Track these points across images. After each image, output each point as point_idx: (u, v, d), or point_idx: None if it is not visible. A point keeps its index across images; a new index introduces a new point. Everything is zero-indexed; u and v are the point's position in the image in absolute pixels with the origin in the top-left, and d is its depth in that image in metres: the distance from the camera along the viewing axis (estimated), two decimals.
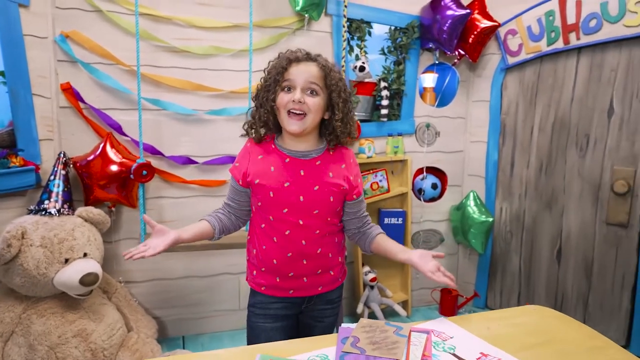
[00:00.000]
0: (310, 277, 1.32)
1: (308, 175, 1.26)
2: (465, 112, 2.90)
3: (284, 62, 1.25)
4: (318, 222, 1.27)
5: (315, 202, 1.25)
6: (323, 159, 1.29)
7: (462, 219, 2.81)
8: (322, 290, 1.35)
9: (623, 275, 2.30)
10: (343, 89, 1.27)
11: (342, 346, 1.00)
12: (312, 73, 1.23)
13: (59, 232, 1.86)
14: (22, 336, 1.80)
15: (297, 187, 1.24)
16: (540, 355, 1.01)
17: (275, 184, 1.24)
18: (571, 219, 2.49)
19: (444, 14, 2.51)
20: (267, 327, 1.34)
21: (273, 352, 0.99)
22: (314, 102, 1.22)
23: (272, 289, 1.33)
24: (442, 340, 1.09)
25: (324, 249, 1.31)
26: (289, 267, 1.30)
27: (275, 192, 1.24)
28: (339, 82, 1.26)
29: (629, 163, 2.25)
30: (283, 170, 1.25)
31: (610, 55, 2.28)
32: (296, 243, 1.27)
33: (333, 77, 1.25)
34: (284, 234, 1.27)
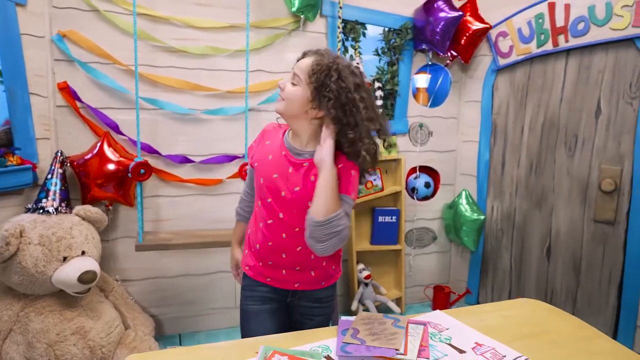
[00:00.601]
0: (289, 271, 1.33)
1: (294, 174, 1.27)
2: (458, 112, 2.96)
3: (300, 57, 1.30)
4: (297, 220, 1.25)
5: (294, 202, 1.26)
6: (311, 163, 1.25)
7: (455, 217, 2.86)
8: (299, 287, 1.35)
9: (610, 272, 2.36)
10: (324, 83, 1.19)
11: (342, 337, 1.04)
12: (302, 65, 1.24)
13: (57, 230, 1.87)
14: (21, 334, 1.80)
15: (283, 182, 1.27)
16: (532, 345, 1.05)
17: (266, 172, 1.29)
18: (560, 217, 2.56)
19: (436, 16, 2.56)
20: (255, 309, 1.37)
21: (275, 344, 1.02)
22: (290, 91, 1.24)
23: (253, 271, 1.38)
24: (439, 331, 1.13)
25: (306, 248, 1.25)
26: (268, 256, 1.33)
27: (265, 180, 1.29)
28: (322, 76, 1.19)
29: (616, 162, 2.31)
30: (277, 161, 1.29)
31: (598, 57, 2.34)
32: (277, 235, 1.30)
33: (315, 70, 1.20)
34: (267, 223, 1.30)
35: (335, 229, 1.14)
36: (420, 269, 3.00)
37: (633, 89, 2.23)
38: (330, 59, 1.23)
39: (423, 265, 3.01)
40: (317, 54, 1.26)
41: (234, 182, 2.44)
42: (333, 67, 1.21)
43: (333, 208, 1.15)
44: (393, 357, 0.97)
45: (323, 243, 1.15)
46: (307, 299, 1.39)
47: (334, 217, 1.14)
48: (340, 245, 1.18)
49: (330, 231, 1.14)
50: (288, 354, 0.97)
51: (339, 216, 1.15)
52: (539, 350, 1.03)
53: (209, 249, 2.42)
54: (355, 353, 0.98)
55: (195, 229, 2.36)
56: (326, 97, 1.19)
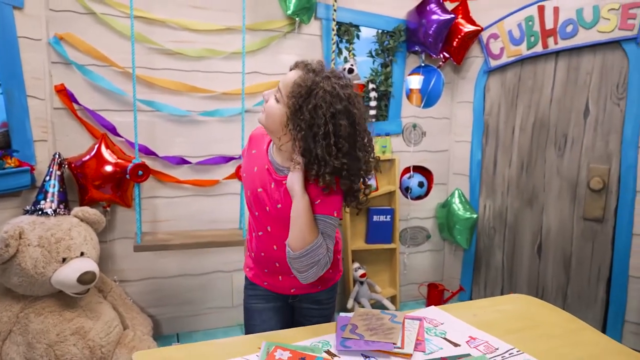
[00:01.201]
0: (285, 277, 1.34)
1: (275, 190, 1.22)
2: (450, 113, 3.01)
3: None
4: (285, 233, 1.18)
5: (279, 217, 1.22)
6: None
7: (448, 215, 2.91)
8: (295, 292, 1.37)
9: (599, 268, 2.42)
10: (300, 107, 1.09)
11: (341, 333, 1.07)
12: (287, 80, 1.15)
13: (56, 231, 1.88)
14: (21, 335, 1.82)
15: (266, 196, 1.23)
16: (524, 338, 1.10)
17: (252, 185, 1.26)
18: (551, 215, 2.61)
19: (429, 18, 2.60)
20: (259, 307, 1.38)
21: (276, 340, 1.05)
22: (270, 105, 1.17)
23: (253, 274, 1.41)
24: (434, 326, 1.17)
25: None
26: (264, 264, 1.35)
27: (251, 193, 1.26)
28: (303, 105, 1.09)
29: (604, 161, 2.37)
30: (261, 175, 1.24)
31: (586, 59, 2.40)
32: (268, 246, 1.29)
33: (294, 90, 1.11)
34: (258, 235, 1.30)
35: (313, 259, 1.11)
36: (415, 267, 3.05)
37: (620, 90, 2.29)
38: (315, 79, 1.11)
39: (417, 263, 3.06)
40: (305, 69, 1.15)
41: (231, 182, 2.47)
42: (314, 91, 1.10)
43: (309, 238, 1.11)
44: (391, 350, 1.01)
45: (303, 273, 1.14)
46: (307, 301, 1.41)
47: (309, 248, 1.10)
48: (321, 272, 1.14)
49: (308, 262, 1.11)
50: (290, 348, 1.00)
51: (315, 246, 1.11)
52: (529, 342, 1.07)
53: (206, 250, 2.45)
54: (354, 347, 1.02)
55: (193, 230, 2.38)
56: (298, 125, 1.10)
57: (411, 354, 1.01)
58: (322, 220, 1.17)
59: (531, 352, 1.03)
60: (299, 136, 1.10)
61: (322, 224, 1.17)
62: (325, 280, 1.39)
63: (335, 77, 1.13)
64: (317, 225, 1.15)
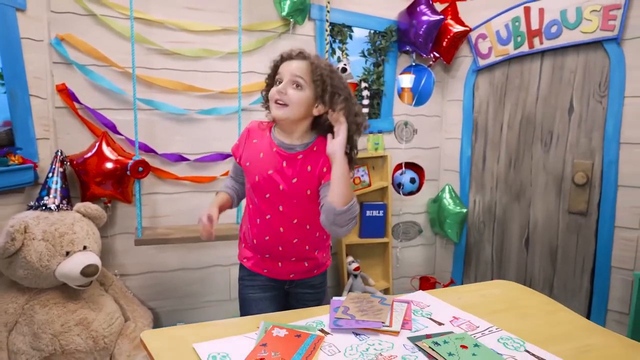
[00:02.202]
0: (284, 263, 1.43)
1: (289, 167, 1.32)
2: (441, 111, 3.10)
3: (278, 59, 1.38)
4: (297, 211, 1.34)
5: (294, 193, 1.33)
6: (306, 154, 1.33)
7: (439, 210, 3.00)
8: (294, 277, 1.45)
9: (583, 259, 2.52)
10: (333, 83, 1.29)
11: (334, 314, 1.15)
12: (300, 67, 1.30)
13: (60, 226, 1.95)
14: (26, 325, 1.88)
15: (279, 176, 1.32)
16: (504, 318, 1.18)
17: (260, 170, 1.34)
18: (537, 210, 2.71)
19: (419, 19, 2.69)
20: (256, 297, 1.45)
21: (274, 321, 1.13)
22: (295, 95, 1.29)
23: (251, 263, 1.47)
24: (420, 308, 1.25)
25: (301, 240, 1.39)
26: (265, 249, 1.41)
27: (260, 178, 1.34)
28: (328, 76, 1.28)
29: (587, 156, 2.47)
30: (269, 158, 1.34)
31: (570, 58, 2.50)
32: (274, 229, 1.37)
33: (321, 70, 1.28)
34: (265, 218, 1.38)
35: (353, 214, 1.24)
36: (407, 260, 3.14)
37: (602, 88, 2.38)
38: (323, 60, 1.34)
39: (409, 257, 3.15)
40: (307, 56, 1.33)
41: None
42: (331, 67, 1.33)
43: (350, 196, 1.23)
44: (379, 328, 1.09)
45: (344, 227, 1.25)
46: (302, 286, 1.49)
47: (352, 203, 1.23)
48: (354, 225, 1.28)
49: (350, 217, 1.23)
50: (286, 327, 1.08)
51: (355, 201, 1.25)
52: (508, 321, 1.16)
53: (204, 244, 2.52)
54: (345, 326, 1.10)
55: (191, 224, 2.45)
56: (336, 93, 1.29)
57: (398, 332, 1.09)
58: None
59: (509, 329, 1.11)
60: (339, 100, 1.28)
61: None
62: (320, 265, 1.49)
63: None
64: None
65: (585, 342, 1.07)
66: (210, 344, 1.00)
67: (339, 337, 1.07)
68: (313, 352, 0.98)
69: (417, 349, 1.03)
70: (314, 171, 1.33)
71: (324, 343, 1.04)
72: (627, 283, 2.30)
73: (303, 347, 0.99)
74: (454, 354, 0.99)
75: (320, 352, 1.00)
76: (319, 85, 1.28)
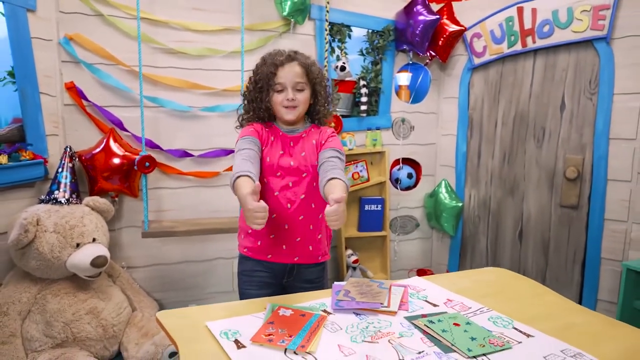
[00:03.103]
0: (289, 245, 1.49)
1: (295, 144, 1.50)
2: (437, 108, 3.18)
3: (272, 68, 1.46)
4: (305, 186, 1.47)
5: (304, 165, 1.47)
6: (307, 133, 1.53)
7: (435, 204, 3.09)
8: (299, 261, 1.51)
9: (574, 252, 2.61)
10: (323, 78, 1.53)
11: (336, 296, 1.24)
12: (297, 72, 1.46)
13: (70, 219, 2.03)
14: (39, 314, 1.96)
15: (288, 154, 1.49)
16: (494, 300, 1.27)
17: (272, 153, 1.49)
18: (531, 203, 2.80)
19: (416, 19, 2.77)
20: (253, 293, 1.50)
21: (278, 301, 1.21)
22: (302, 97, 1.48)
23: (253, 251, 1.52)
24: (417, 291, 1.34)
25: (306, 218, 1.47)
26: (271, 229, 1.47)
27: (271, 158, 1.48)
28: (318, 75, 1.51)
29: (578, 152, 2.55)
30: (279, 141, 1.50)
31: (562, 57, 2.58)
32: (282, 205, 1.46)
33: (313, 71, 1.49)
34: (273, 195, 1.46)
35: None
36: (404, 253, 3.22)
37: (592, 86, 2.47)
38: (308, 58, 1.52)
39: (407, 250, 3.24)
40: (297, 58, 1.49)
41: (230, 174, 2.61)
42: (314, 63, 1.52)
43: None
44: (378, 309, 1.18)
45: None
46: (300, 280, 1.54)
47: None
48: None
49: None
50: (292, 307, 1.16)
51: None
52: (498, 303, 1.24)
53: (207, 238, 2.60)
54: (346, 306, 1.18)
55: (196, 218, 2.53)
56: (322, 86, 1.53)
57: (396, 312, 1.18)
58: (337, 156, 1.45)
59: (498, 310, 1.20)
60: (322, 99, 1.53)
61: (339, 162, 1.44)
62: (323, 252, 1.55)
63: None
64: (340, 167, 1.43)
65: (569, 320, 1.15)
66: (221, 322, 1.09)
67: (341, 316, 1.15)
68: (317, 329, 1.06)
69: (414, 326, 1.11)
70: (318, 142, 1.51)
71: (327, 322, 1.12)
72: (616, 274, 2.39)
73: (307, 325, 1.08)
74: (447, 331, 1.07)
75: (324, 329, 1.08)
76: (316, 83, 1.50)
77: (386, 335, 1.06)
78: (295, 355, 0.96)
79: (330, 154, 1.44)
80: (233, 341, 1.00)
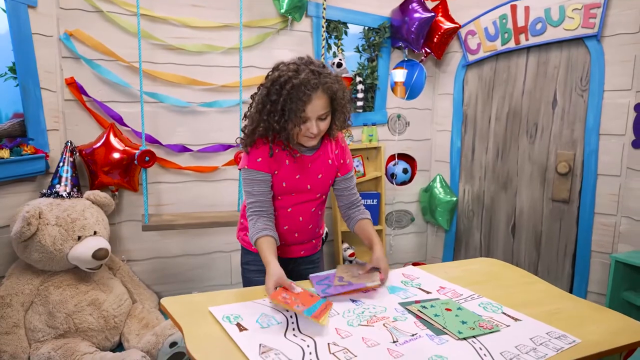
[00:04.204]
0: (296, 246, 1.56)
1: (314, 167, 1.45)
2: (432, 104, 3.23)
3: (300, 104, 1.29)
4: (317, 201, 1.50)
5: (319, 187, 1.48)
6: (323, 151, 1.46)
7: (430, 199, 3.14)
8: (304, 254, 1.59)
9: (565, 245, 2.67)
10: (347, 102, 1.40)
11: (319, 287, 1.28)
12: (322, 104, 1.32)
13: (72, 212, 2.06)
14: (42, 305, 2.00)
15: (306, 177, 1.45)
16: (485, 288, 1.32)
17: (288, 176, 1.43)
18: (523, 198, 2.85)
19: (411, 16, 2.81)
20: (261, 280, 1.51)
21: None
22: (325, 125, 1.37)
23: None
24: (411, 279, 1.39)
25: (314, 225, 1.56)
26: (282, 238, 1.51)
27: (288, 182, 1.44)
28: (342, 99, 1.37)
29: (570, 147, 2.61)
30: (295, 164, 1.43)
31: (554, 54, 2.63)
32: (295, 218, 1.50)
33: (338, 96, 1.35)
34: (286, 211, 1.49)
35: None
36: (400, 247, 3.28)
37: (583, 83, 2.52)
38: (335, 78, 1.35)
39: (402, 244, 3.29)
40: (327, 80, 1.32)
41: (229, 169, 2.66)
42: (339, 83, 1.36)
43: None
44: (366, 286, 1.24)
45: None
46: (304, 263, 1.62)
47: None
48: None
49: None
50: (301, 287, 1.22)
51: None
52: (488, 290, 1.29)
53: (206, 231, 2.64)
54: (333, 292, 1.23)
55: (195, 212, 2.57)
56: (345, 107, 1.40)
57: (379, 284, 1.25)
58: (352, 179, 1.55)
59: (489, 296, 1.25)
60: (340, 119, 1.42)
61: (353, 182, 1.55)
62: (321, 241, 1.66)
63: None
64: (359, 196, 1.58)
65: (556, 306, 1.21)
66: (224, 307, 1.13)
67: (338, 304, 1.20)
68: (324, 311, 1.11)
69: (407, 312, 1.16)
70: (334, 163, 1.50)
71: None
72: (605, 266, 2.45)
73: (318, 303, 1.13)
74: (439, 315, 1.12)
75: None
76: (338, 107, 1.38)
77: (381, 319, 1.11)
78: (295, 337, 1.01)
79: (352, 183, 1.54)
80: (235, 325, 1.05)
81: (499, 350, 0.97)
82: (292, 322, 1.07)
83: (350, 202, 1.56)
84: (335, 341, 1.00)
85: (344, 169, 1.53)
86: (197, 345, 0.94)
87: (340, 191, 1.55)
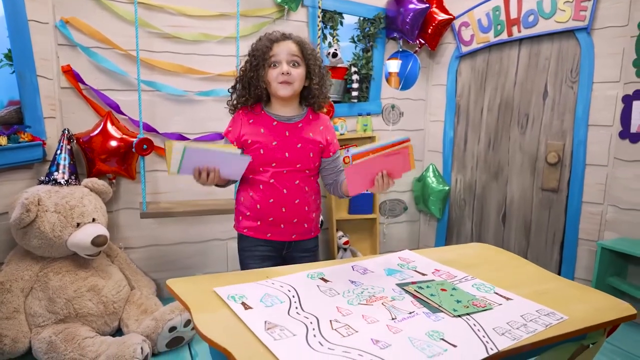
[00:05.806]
0: (287, 225, 1.57)
1: (292, 135, 1.51)
2: (426, 95, 3.28)
3: (267, 42, 1.48)
4: (299, 173, 1.53)
5: (298, 158, 1.51)
6: (304, 122, 1.54)
7: (423, 188, 3.20)
8: (296, 238, 1.60)
9: (554, 233, 2.75)
10: (317, 58, 1.54)
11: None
12: (292, 48, 1.47)
13: (70, 199, 2.08)
14: (42, 291, 2.02)
15: (283, 145, 1.50)
16: (478, 270, 1.37)
17: (265, 143, 1.50)
18: (514, 187, 2.92)
19: (406, 7, 2.84)
20: (256, 266, 1.58)
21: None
22: (297, 72, 1.48)
23: (253, 231, 1.59)
24: (407, 262, 1.44)
25: (302, 201, 1.55)
26: (269, 213, 1.55)
27: (265, 150, 1.50)
28: (313, 52, 1.52)
29: (559, 137, 2.68)
30: (272, 131, 1.50)
31: (545, 46, 2.69)
32: (278, 191, 1.53)
33: (308, 48, 1.50)
34: (269, 182, 1.52)
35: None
36: (393, 235, 3.34)
37: (573, 74, 2.58)
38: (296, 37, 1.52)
39: (395, 232, 3.35)
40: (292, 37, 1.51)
41: None
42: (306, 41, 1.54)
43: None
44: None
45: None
46: (299, 250, 1.64)
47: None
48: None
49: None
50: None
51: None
52: (481, 272, 1.35)
53: (203, 219, 2.67)
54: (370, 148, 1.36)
55: (191, 200, 2.60)
56: (317, 65, 1.53)
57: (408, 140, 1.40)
58: (339, 156, 1.62)
59: (482, 278, 1.30)
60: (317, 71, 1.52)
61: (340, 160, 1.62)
62: (316, 228, 1.67)
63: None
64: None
65: (544, 286, 1.27)
66: (228, 288, 1.17)
67: (338, 283, 1.25)
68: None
69: (404, 292, 1.21)
70: (315, 137, 1.55)
71: (324, 287, 1.21)
72: (591, 253, 2.53)
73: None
74: (435, 295, 1.18)
75: (322, 294, 1.17)
76: (310, 61, 1.50)
77: (380, 299, 1.16)
78: (298, 315, 1.05)
79: (339, 165, 1.63)
80: (240, 303, 1.09)
81: (491, 326, 1.02)
82: (295, 302, 1.12)
83: (338, 176, 1.64)
84: (336, 318, 1.04)
85: (333, 148, 1.61)
86: (205, 323, 0.98)
87: (328, 170, 1.63)
